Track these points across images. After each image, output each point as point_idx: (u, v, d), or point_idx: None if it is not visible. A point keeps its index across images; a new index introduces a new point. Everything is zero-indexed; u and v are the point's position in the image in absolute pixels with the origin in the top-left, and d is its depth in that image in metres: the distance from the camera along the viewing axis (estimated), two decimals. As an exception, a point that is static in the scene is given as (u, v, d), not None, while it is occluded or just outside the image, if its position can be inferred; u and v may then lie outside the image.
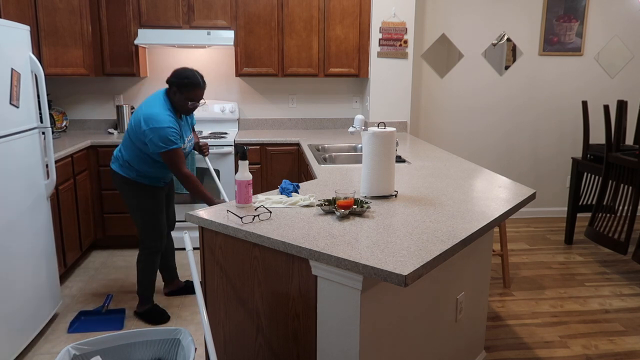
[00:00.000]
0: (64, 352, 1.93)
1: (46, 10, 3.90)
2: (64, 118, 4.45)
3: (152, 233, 3.03)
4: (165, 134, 2.71)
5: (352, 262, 1.53)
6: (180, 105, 2.85)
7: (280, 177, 4.29)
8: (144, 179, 2.94)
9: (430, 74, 4.93)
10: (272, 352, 1.92)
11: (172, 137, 2.73)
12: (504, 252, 3.55)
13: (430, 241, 1.70)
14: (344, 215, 1.94)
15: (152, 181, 2.98)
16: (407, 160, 3.14)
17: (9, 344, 2.57)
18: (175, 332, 2.11)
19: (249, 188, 2.06)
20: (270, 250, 1.82)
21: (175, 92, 2.82)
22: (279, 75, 4.43)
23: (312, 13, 4.34)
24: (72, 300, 3.36)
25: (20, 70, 2.74)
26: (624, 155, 3.78)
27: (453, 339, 2.29)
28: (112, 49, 4.17)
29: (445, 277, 2.13)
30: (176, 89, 2.82)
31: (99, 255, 4.14)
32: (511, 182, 2.54)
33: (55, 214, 3.37)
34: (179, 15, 4.20)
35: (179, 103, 2.85)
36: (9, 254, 2.58)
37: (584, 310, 3.28)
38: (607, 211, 3.99)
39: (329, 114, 4.91)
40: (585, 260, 4.12)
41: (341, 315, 1.65)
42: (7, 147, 2.58)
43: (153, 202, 3.00)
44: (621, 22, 5.00)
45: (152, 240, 3.04)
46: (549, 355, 2.78)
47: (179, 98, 2.83)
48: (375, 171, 2.20)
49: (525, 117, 5.12)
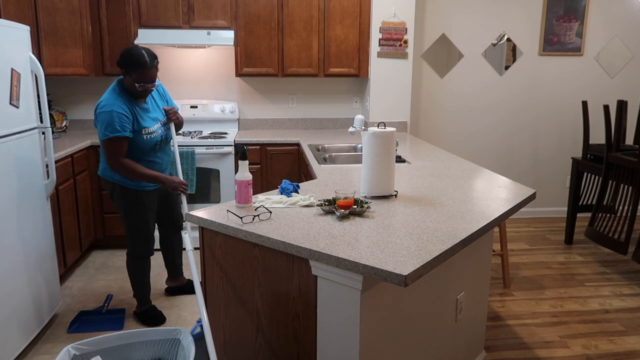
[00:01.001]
0: (64, 352, 1.93)
1: (46, 10, 3.90)
2: (64, 118, 4.45)
3: (138, 238, 2.96)
4: (110, 118, 2.57)
5: (352, 262, 1.53)
6: (131, 89, 2.69)
7: (280, 177, 4.29)
8: (128, 181, 2.83)
9: (430, 74, 4.93)
10: (272, 352, 1.92)
11: (117, 123, 2.59)
12: (504, 252, 3.55)
13: (430, 241, 1.70)
14: (344, 215, 1.94)
15: (137, 183, 2.86)
16: (407, 160, 3.14)
17: (9, 344, 2.57)
18: (175, 332, 2.11)
19: (249, 188, 2.06)
20: (270, 250, 1.82)
21: (124, 74, 2.68)
22: (279, 75, 4.43)
23: (312, 13, 4.34)
24: (72, 300, 3.36)
25: (20, 70, 2.74)
26: (624, 155, 3.78)
27: (453, 339, 2.29)
28: (112, 49, 4.17)
29: (445, 277, 2.13)
30: (124, 71, 2.67)
31: (99, 255, 4.14)
32: (511, 182, 2.54)
33: (55, 214, 3.36)
34: (179, 15, 4.20)
35: (129, 86, 2.69)
36: (9, 253, 2.58)
37: (584, 310, 3.28)
38: (607, 211, 3.99)
39: (329, 114, 4.91)
40: (585, 260, 4.12)
41: (341, 315, 1.65)
42: (7, 147, 2.58)
43: (139, 207, 2.91)
44: (621, 22, 5.00)
45: (137, 245, 2.98)
46: (549, 355, 2.78)
47: (128, 80, 2.67)
48: (375, 171, 2.20)
49: (525, 117, 5.12)
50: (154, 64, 2.71)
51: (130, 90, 2.73)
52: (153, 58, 2.71)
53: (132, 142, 2.74)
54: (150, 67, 2.67)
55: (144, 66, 2.64)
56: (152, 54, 2.70)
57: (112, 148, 2.65)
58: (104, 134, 2.62)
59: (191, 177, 4.01)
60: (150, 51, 2.72)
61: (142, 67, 2.64)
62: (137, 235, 2.95)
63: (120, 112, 2.62)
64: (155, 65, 2.73)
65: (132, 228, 2.94)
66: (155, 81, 2.75)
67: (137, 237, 2.96)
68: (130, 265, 3.04)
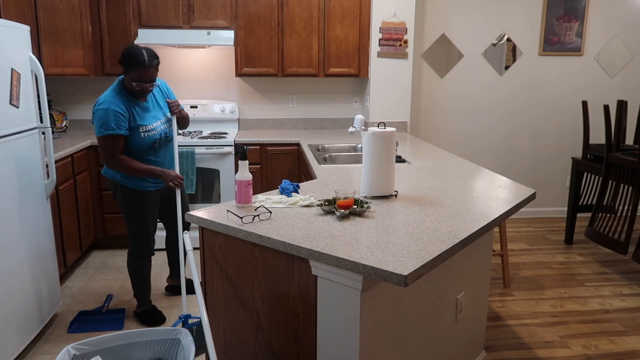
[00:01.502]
0: (64, 352, 1.93)
1: (46, 10, 3.90)
2: (64, 118, 4.45)
3: (139, 237, 2.96)
4: (105, 115, 2.59)
5: (352, 262, 1.53)
6: (129, 88, 2.69)
7: (280, 177, 4.29)
8: (128, 180, 2.83)
9: (430, 74, 4.93)
10: (272, 352, 1.92)
11: (112, 121, 2.59)
12: (504, 252, 3.55)
13: (430, 241, 1.70)
14: (344, 215, 1.94)
15: (138, 183, 2.86)
16: (407, 160, 3.14)
17: (9, 344, 2.57)
18: (175, 332, 2.11)
19: (249, 188, 2.06)
20: (270, 250, 1.82)
21: (124, 72, 2.68)
22: (279, 75, 4.43)
23: (312, 13, 4.34)
24: (72, 300, 3.36)
25: (20, 70, 2.74)
26: (624, 155, 3.78)
27: (453, 339, 2.29)
28: (112, 49, 4.17)
29: (445, 277, 2.13)
30: (124, 69, 2.67)
31: (99, 255, 4.14)
32: (511, 182, 2.54)
33: (55, 214, 3.36)
34: (179, 15, 4.20)
35: (128, 85, 2.69)
36: (8, 253, 2.58)
37: (584, 310, 3.28)
38: (607, 211, 3.99)
39: (329, 114, 4.91)
40: (585, 260, 4.12)
41: (341, 315, 1.65)
42: (7, 147, 2.58)
43: (139, 207, 2.90)
44: (621, 22, 5.00)
45: (138, 244, 2.98)
46: (549, 355, 2.78)
47: (127, 79, 2.67)
48: (375, 171, 2.20)
49: (525, 117, 5.12)
50: (153, 63, 2.70)
51: (129, 89, 2.73)
52: (153, 58, 2.69)
53: (130, 140, 2.74)
54: (149, 66, 2.66)
55: (142, 65, 2.63)
56: (152, 54, 2.69)
57: (107, 145, 2.67)
58: (99, 130, 2.65)
59: (191, 177, 4.01)
60: (151, 51, 2.70)
61: (140, 66, 2.63)
62: (138, 235, 2.96)
63: (116, 110, 2.63)
64: (155, 65, 2.71)
65: (132, 228, 2.94)
66: (154, 81, 2.73)
67: (138, 237, 2.96)
68: (130, 265, 3.04)
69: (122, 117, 2.66)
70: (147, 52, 2.67)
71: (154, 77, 2.72)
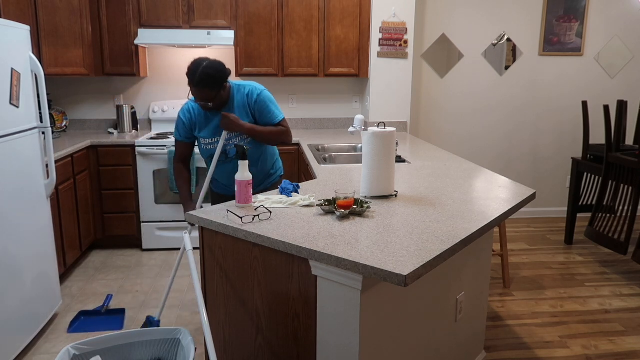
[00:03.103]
0: (64, 352, 1.93)
1: (46, 10, 3.90)
2: (64, 118, 4.45)
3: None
4: (176, 121, 2.67)
5: (352, 262, 1.53)
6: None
7: (280, 177, 4.28)
8: (212, 184, 2.79)
9: (430, 74, 4.93)
10: (272, 352, 1.92)
11: (176, 127, 2.66)
12: (504, 252, 3.55)
13: (430, 241, 1.70)
14: (344, 215, 1.94)
15: (218, 187, 2.75)
16: (407, 160, 3.14)
17: (9, 344, 2.57)
18: (175, 332, 2.11)
19: (249, 188, 2.06)
20: (270, 250, 1.82)
21: None
22: (279, 75, 4.43)
23: (312, 13, 4.34)
24: (72, 300, 3.36)
25: (20, 70, 2.74)
26: (624, 155, 3.78)
27: (453, 339, 2.29)
28: (112, 48, 4.18)
29: (445, 277, 2.13)
30: None
31: (99, 255, 4.14)
32: (511, 182, 2.54)
33: (55, 214, 3.37)
34: (179, 15, 4.20)
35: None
36: (8, 253, 2.58)
37: (584, 310, 3.28)
38: (607, 211, 3.99)
39: (329, 114, 4.91)
40: (585, 260, 4.12)
41: (341, 315, 1.65)
42: (7, 147, 2.58)
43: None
44: (621, 22, 5.00)
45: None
46: (549, 355, 2.78)
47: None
48: (375, 171, 2.20)
49: (525, 117, 5.12)
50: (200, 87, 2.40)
51: None
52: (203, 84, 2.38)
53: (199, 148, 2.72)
54: (196, 87, 2.40)
55: (191, 83, 2.42)
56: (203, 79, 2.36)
57: (175, 147, 2.73)
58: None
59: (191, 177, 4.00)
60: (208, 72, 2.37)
61: (191, 82, 2.42)
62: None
63: (182, 116, 2.63)
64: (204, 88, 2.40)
65: None
66: (207, 101, 2.44)
67: None
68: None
69: (183, 124, 2.61)
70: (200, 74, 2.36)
71: (206, 99, 2.43)
